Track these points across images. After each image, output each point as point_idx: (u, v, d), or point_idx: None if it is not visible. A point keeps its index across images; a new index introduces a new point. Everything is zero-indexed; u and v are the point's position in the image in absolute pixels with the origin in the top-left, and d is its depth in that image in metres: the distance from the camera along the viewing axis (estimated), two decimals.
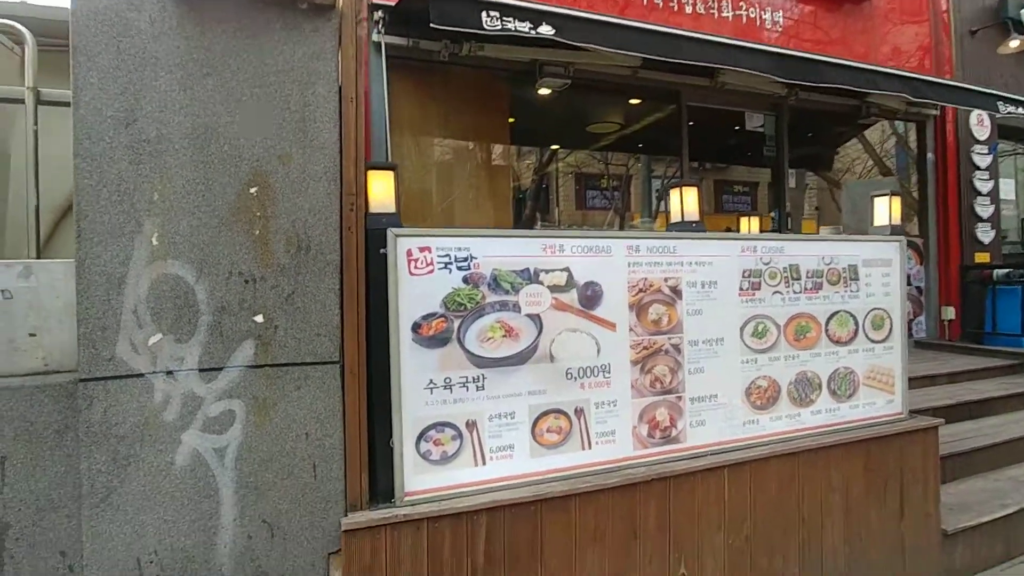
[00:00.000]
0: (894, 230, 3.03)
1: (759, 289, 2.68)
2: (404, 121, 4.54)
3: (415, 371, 2.07)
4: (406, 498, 2.04)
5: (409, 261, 2.07)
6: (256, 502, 1.91)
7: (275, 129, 1.95)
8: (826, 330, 2.85)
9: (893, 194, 3.03)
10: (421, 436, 2.08)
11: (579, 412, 2.32)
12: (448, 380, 2.11)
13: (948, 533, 3.03)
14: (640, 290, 2.43)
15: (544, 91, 4.83)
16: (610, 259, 2.37)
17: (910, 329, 4.82)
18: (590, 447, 2.33)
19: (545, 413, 2.26)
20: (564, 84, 4.70)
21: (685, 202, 2.60)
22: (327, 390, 1.99)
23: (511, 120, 5.24)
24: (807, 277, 2.80)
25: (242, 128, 1.91)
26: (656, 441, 2.45)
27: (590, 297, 2.34)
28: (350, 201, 2.02)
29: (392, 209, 2.11)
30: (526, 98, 5.23)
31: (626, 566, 2.28)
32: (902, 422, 3.00)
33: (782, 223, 5.81)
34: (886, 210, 3.05)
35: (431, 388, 2.09)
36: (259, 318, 1.92)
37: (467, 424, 2.14)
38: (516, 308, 2.21)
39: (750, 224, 4.21)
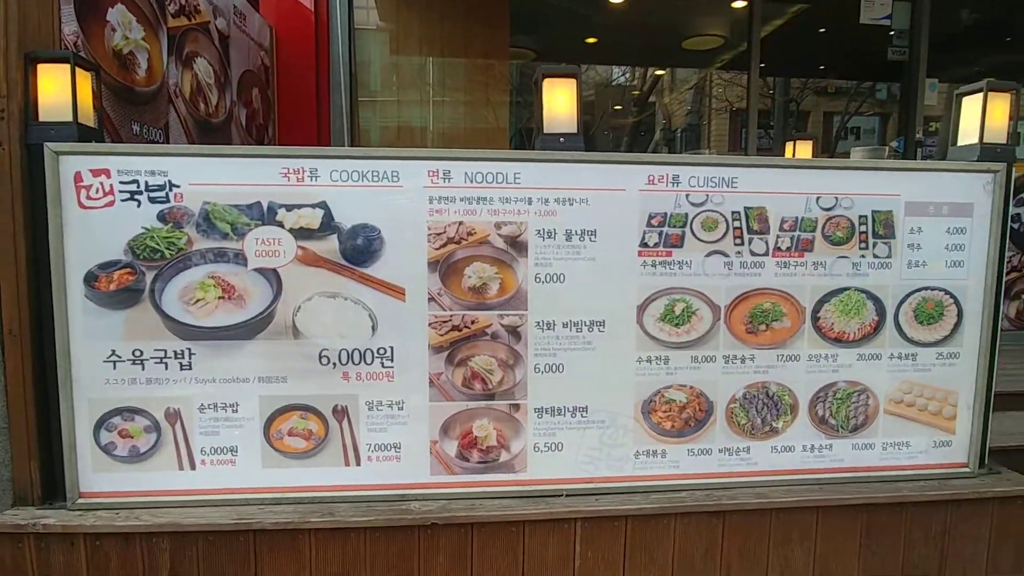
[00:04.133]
0: (986, 152, 1.72)
1: (680, 246, 1.66)
2: (377, 38, 3.89)
3: (91, 337, 1.53)
4: (80, 500, 1.56)
5: (79, 188, 1.50)
6: None
7: None
8: (814, 319, 1.72)
9: (992, 89, 1.70)
10: (102, 423, 1.56)
11: (340, 413, 1.61)
12: (139, 353, 1.55)
13: None
14: (451, 240, 1.59)
15: None
16: (398, 191, 1.57)
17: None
18: (358, 463, 1.63)
19: (285, 409, 1.60)
20: None
21: (551, 103, 1.63)
22: None
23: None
24: (783, 230, 1.69)
25: None
26: (473, 466, 1.66)
27: (361, 248, 1.58)
28: None
29: (67, 118, 1.54)
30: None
31: None
32: (963, 480, 1.78)
33: (910, 156, 4.12)
34: (976, 117, 1.73)
35: (114, 362, 1.54)
36: None
37: (167, 414, 1.57)
38: (241, 259, 1.55)
39: (794, 150, 2.79)
